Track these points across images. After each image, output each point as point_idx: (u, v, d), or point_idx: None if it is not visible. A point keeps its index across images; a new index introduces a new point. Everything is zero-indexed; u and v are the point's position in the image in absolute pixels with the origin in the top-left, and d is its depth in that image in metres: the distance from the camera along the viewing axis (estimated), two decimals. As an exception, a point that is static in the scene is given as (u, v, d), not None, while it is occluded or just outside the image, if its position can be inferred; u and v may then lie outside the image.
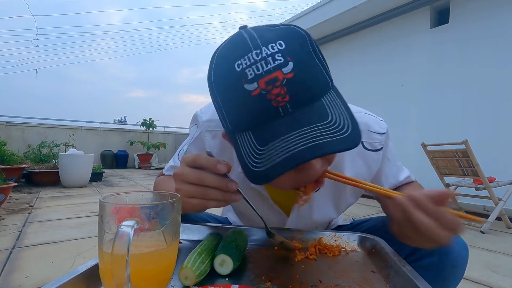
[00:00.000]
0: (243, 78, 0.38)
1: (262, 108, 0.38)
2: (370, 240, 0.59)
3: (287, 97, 0.37)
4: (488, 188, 2.24)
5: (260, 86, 0.37)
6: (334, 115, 0.39)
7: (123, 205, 0.34)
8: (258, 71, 0.37)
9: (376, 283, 0.43)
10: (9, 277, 1.25)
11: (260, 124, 0.39)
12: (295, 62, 0.38)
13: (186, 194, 0.43)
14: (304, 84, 0.38)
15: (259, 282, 0.42)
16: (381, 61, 3.91)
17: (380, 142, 0.61)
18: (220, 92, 0.42)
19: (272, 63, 0.37)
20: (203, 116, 0.63)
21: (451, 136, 3.00)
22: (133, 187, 4.26)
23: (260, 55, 0.38)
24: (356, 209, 2.91)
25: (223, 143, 0.61)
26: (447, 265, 0.52)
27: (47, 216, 2.34)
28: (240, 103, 0.39)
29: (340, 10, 3.95)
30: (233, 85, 0.39)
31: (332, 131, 0.37)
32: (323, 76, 0.41)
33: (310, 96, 0.39)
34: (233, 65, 0.39)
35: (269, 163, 0.37)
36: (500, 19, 2.87)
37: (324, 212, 0.65)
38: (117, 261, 0.28)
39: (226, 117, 0.42)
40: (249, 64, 0.38)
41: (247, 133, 0.40)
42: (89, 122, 7.82)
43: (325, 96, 0.40)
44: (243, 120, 0.40)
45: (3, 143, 4.04)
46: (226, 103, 0.42)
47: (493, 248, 1.81)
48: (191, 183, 0.43)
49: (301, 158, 0.35)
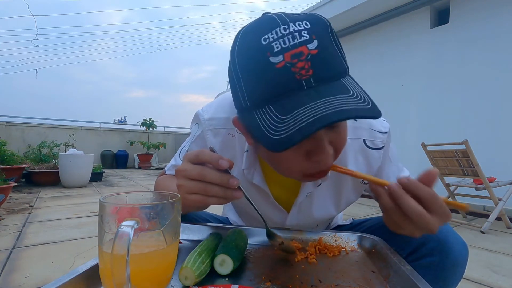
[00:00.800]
0: (269, 51, 0.39)
1: (286, 80, 0.39)
2: (370, 240, 0.59)
3: (310, 71, 0.39)
4: (488, 188, 2.24)
5: (286, 59, 0.39)
6: (355, 91, 0.40)
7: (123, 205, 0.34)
8: (285, 45, 0.39)
9: (376, 283, 0.43)
10: (9, 277, 1.25)
11: (282, 96, 0.40)
12: (320, 41, 0.40)
13: (187, 190, 0.44)
14: (326, 62, 0.40)
15: (259, 282, 0.42)
16: (381, 61, 3.92)
17: (382, 141, 0.62)
18: (242, 65, 0.43)
19: (298, 39, 0.39)
20: (205, 114, 0.64)
21: (451, 136, 3.00)
22: (133, 187, 4.26)
23: (288, 30, 0.40)
24: (356, 209, 2.91)
25: (225, 141, 0.62)
26: (447, 265, 0.52)
27: (47, 216, 2.34)
28: (264, 76, 0.40)
29: (340, 10, 3.95)
30: (258, 57, 0.40)
31: (356, 102, 0.38)
32: (341, 62, 0.43)
33: (332, 74, 0.41)
34: (259, 39, 0.40)
35: (294, 128, 0.37)
36: (500, 19, 2.87)
37: (324, 209, 0.65)
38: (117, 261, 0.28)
39: (245, 91, 0.43)
40: (276, 38, 0.40)
41: (266, 107, 0.41)
42: (89, 122, 7.83)
43: (344, 78, 0.42)
44: (264, 92, 0.41)
45: (3, 143, 4.04)
46: (248, 76, 0.42)
47: (493, 248, 1.81)
48: (192, 179, 0.43)
49: (328, 120, 0.36)
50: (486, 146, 2.83)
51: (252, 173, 0.59)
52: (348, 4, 3.84)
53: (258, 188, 0.62)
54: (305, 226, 0.69)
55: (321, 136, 0.43)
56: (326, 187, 0.63)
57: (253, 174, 0.60)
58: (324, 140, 0.43)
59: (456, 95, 3.14)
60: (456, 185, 2.54)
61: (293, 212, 0.65)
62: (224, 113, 0.62)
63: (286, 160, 0.46)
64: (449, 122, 3.19)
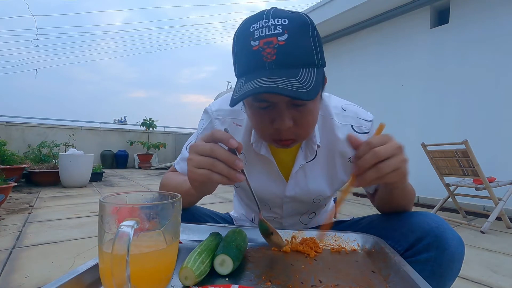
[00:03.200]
0: (251, 36, 0.51)
1: (256, 60, 0.51)
2: (370, 240, 0.59)
3: (274, 57, 0.50)
4: (488, 188, 2.24)
5: (260, 45, 0.50)
6: (303, 77, 0.50)
7: (123, 205, 0.34)
8: (262, 34, 0.50)
9: (376, 283, 0.43)
10: (9, 277, 1.25)
11: (251, 71, 0.52)
12: (289, 36, 0.50)
13: (195, 164, 0.47)
14: (290, 52, 0.50)
15: (259, 282, 0.42)
16: (381, 61, 3.91)
17: (366, 127, 0.71)
18: (237, 45, 0.55)
19: (273, 31, 0.50)
20: (213, 107, 0.75)
21: (451, 136, 3.00)
22: (133, 187, 4.26)
23: (267, 23, 0.51)
24: (356, 209, 2.91)
25: (231, 128, 0.72)
26: (444, 260, 0.53)
27: (47, 216, 2.34)
28: (245, 54, 0.53)
29: (340, 10, 3.95)
30: (244, 40, 0.52)
31: (293, 84, 0.48)
32: (311, 55, 0.52)
33: (292, 63, 0.50)
34: (249, 27, 0.52)
35: (242, 93, 0.49)
36: (500, 19, 2.87)
37: (317, 183, 0.72)
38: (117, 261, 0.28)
39: (237, 64, 0.55)
40: (258, 28, 0.51)
41: (242, 77, 0.53)
42: (89, 122, 7.82)
43: (305, 68, 0.51)
44: (243, 66, 0.53)
45: (3, 143, 4.04)
46: (237, 53, 0.55)
47: (493, 248, 1.81)
48: (202, 155, 0.47)
49: (257, 90, 0.47)
50: (486, 146, 2.83)
51: (260, 146, 0.69)
52: (348, 4, 3.84)
53: (264, 158, 0.70)
54: (302, 198, 0.74)
55: (283, 108, 0.54)
56: (318, 164, 0.71)
57: (260, 147, 0.69)
58: (285, 112, 0.54)
59: (456, 95, 3.14)
60: (456, 185, 2.54)
61: (291, 183, 0.71)
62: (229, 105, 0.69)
63: (260, 123, 0.58)
64: (449, 122, 3.19)
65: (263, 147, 0.69)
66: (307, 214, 0.81)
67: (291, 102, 0.54)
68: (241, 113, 0.72)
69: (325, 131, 0.70)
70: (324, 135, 0.70)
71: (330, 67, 4.55)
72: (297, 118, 0.55)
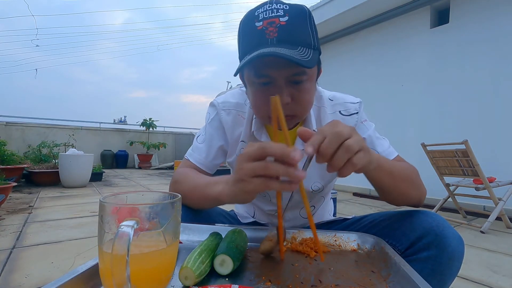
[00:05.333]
0: (256, 18, 0.58)
1: (260, 37, 0.56)
2: (370, 240, 0.59)
3: (276, 34, 0.56)
4: (488, 188, 2.24)
5: (263, 25, 0.57)
6: (302, 51, 0.55)
7: (123, 205, 0.34)
8: (266, 15, 0.57)
9: (376, 283, 0.43)
10: (9, 277, 1.25)
11: (255, 47, 0.56)
12: (290, 18, 0.56)
13: (248, 172, 0.41)
14: (290, 32, 0.56)
15: (259, 282, 0.42)
16: (381, 61, 3.91)
17: (354, 108, 0.75)
18: (242, 28, 0.61)
19: (275, 13, 0.56)
20: (219, 99, 0.80)
21: (451, 136, 2.99)
22: (133, 187, 4.26)
23: (271, 7, 0.57)
24: (356, 209, 2.91)
25: (235, 120, 0.76)
26: (444, 258, 0.53)
27: (47, 216, 2.34)
28: (249, 34, 0.59)
29: (340, 10, 3.95)
30: (249, 22, 0.59)
31: (295, 54, 0.53)
32: (308, 37, 0.58)
33: (292, 40, 0.56)
34: (254, 11, 0.59)
35: (247, 59, 0.55)
36: (500, 19, 2.87)
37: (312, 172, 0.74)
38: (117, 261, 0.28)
39: (241, 45, 0.61)
40: (262, 11, 0.57)
41: (246, 56, 0.57)
42: (89, 122, 7.83)
43: (304, 47, 0.56)
44: (247, 45, 0.59)
45: (3, 143, 4.04)
46: (244, 35, 0.60)
47: (493, 248, 1.81)
48: (253, 160, 0.41)
49: (262, 54, 0.52)
50: (486, 146, 2.83)
51: (260, 134, 0.73)
52: (348, 4, 3.84)
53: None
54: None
55: (282, 84, 0.58)
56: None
57: (261, 134, 0.72)
58: (284, 88, 0.58)
59: (456, 95, 3.14)
60: (456, 185, 2.54)
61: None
62: (234, 99, 0.79)
63: (259, 99, 0.62)
64: (449, 122, 3.19)
65: (263, 134, 0.72)
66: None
67: (289, 79, 0.58)
68: (245, 106, 0.77)
69: (318, 120, 0.74)
70: (318, 125, 0.73)
71: (330, 67, 4.55)
72: (295, 95, 0.60)
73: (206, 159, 0.76)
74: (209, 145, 0.77)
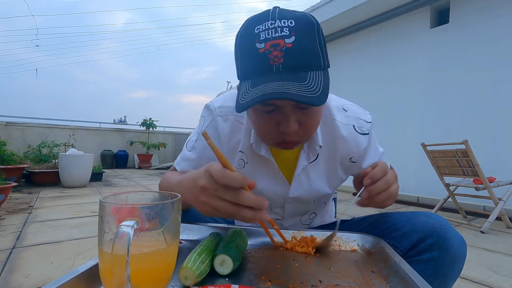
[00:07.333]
0: (257, 38, 0.50)
1: (263, 63, 0.50)
2: (370, 240, 0.59)
3: (282, 60, 0.49)
4: (488, 188, 2.24)
5: (266, 47, 0.49)
6: (312, 82, 0.49)
7: (123, 205, 0.34)
8: (268, 36, 0.49)
9: (376, 283, 0.43)
10: (9, 277, 1.25)
11: (257, 74, 0.51)
12: (296, 38, 0.49)
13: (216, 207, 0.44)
14: (297, 55, 0.49)
15: (259, 282, 0.42)
16: (381, 61, 3.91)
17: (367, 128, 0.73)
18: (240, 46, 0.54)
19: (279, 33, 0.49)
20: (215, 103, 0.72)
21: (451, 136, 2.99)
22: (133, 187, 4.26)
23: (274, 25, 0.50)
24: (356, 209, 2.90)
25: (234, 127, 0.70)
26: (446, 260, 0.53)
27: (47, 216, 2.34)
28: (250, 56, 0.51)
29: (340, 10, 3.95)
30: (249, 41, 0.51)
31: (303, 89, 0.47)
32: (318, 58, 0.51)
33: (299, 65, 0.50)
34: (253, 28, 0.51)
35: (250, 98, 0.49)
36: (500, 19, 2.87)
37: (319, 184, 0.73)
38: (117, 261, 0.28)
39: (239, 65, 0.55)
40: (264, 29, 0.50)
41: (246, 80, 0.53)
42: (89, 122, 7.82)
43: (313, 71, 0.51)
44: (248, 68, 0.52)
45: (3, 143, 4.04)
46: (241, 55, 0.54)
47: (493, 248, 1.81)
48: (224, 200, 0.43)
49: (268, 96, 0.47)
50: (486, 146, 2.83)
51: (260, 147, 0.68)
52: (348, 4, 3.84)
53: (264, 159, 0.69)
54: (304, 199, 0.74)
55: (289, 111, 0.53)
56: (319, 164, 0.71)
57: (260, 148, 0.68)
58: (291, 116, 0.53)
59: (456, 95, 3.14)
60: (456, 185, 2.54)
61: (294, 184, 0.71)
62: (232, 102, 0.71)
63: (264, 126, 0.57)
64: (449, 122, 3.19)
65: (263, 147, 0.68)
66: (307, 215, 0.80)
67: (297, 105, 0.53)
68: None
69: (326, 131, 0.69)
70: (325, 134, 0.69)
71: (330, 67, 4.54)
72: (302, 121, 0.55)
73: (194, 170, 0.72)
74: (200, 156, 0.72)
